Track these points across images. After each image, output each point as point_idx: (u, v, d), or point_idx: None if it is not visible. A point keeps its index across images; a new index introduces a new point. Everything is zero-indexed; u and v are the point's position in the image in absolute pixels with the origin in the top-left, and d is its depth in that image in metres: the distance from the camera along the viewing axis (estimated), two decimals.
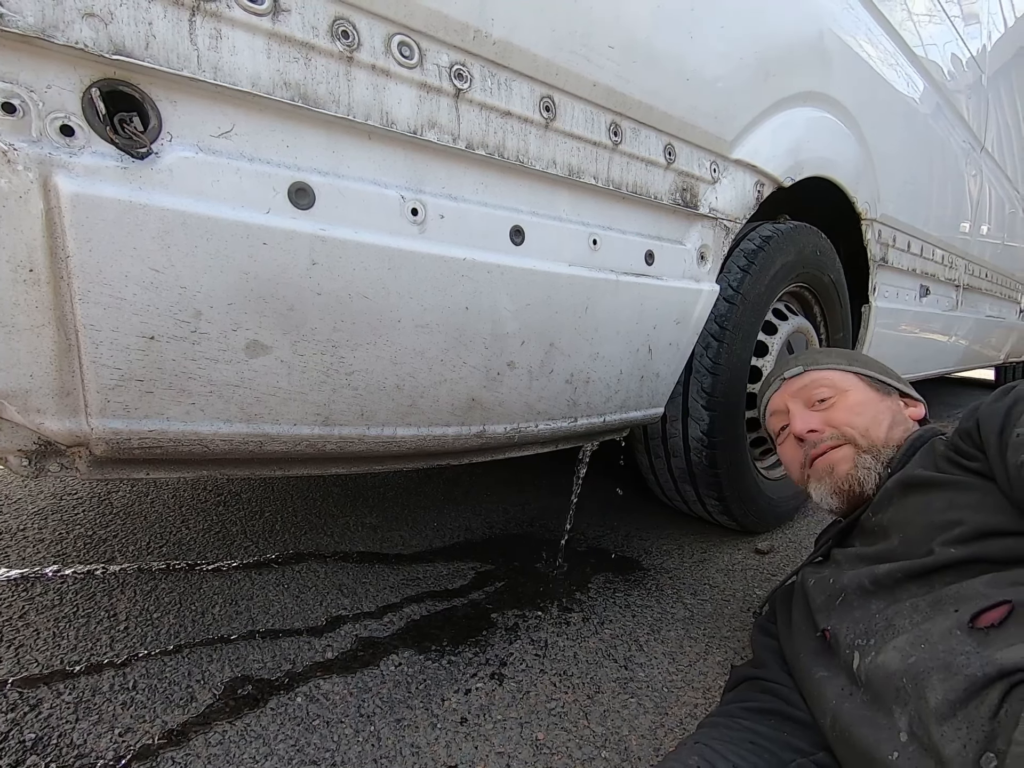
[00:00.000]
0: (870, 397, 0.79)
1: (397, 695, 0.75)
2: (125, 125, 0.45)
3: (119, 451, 0.51)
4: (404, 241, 0.60)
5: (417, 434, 0.70)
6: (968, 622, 0.49)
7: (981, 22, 2.08)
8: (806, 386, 0.82)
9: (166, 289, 0.48)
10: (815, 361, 0.85)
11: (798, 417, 0.80)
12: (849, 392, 0.79)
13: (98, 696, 0.72)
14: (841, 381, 0.81)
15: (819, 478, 0.77)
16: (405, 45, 0.57)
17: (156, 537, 1.15)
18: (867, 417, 0.75)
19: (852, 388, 0.79)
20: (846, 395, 0.79)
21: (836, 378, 0.81)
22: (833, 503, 0.76)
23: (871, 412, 0.76)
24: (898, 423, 0.76)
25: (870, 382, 0.81)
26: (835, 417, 0.77)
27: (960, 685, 0.44)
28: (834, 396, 0.79)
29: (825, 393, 0.80)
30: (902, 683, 0.49)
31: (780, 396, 0.86)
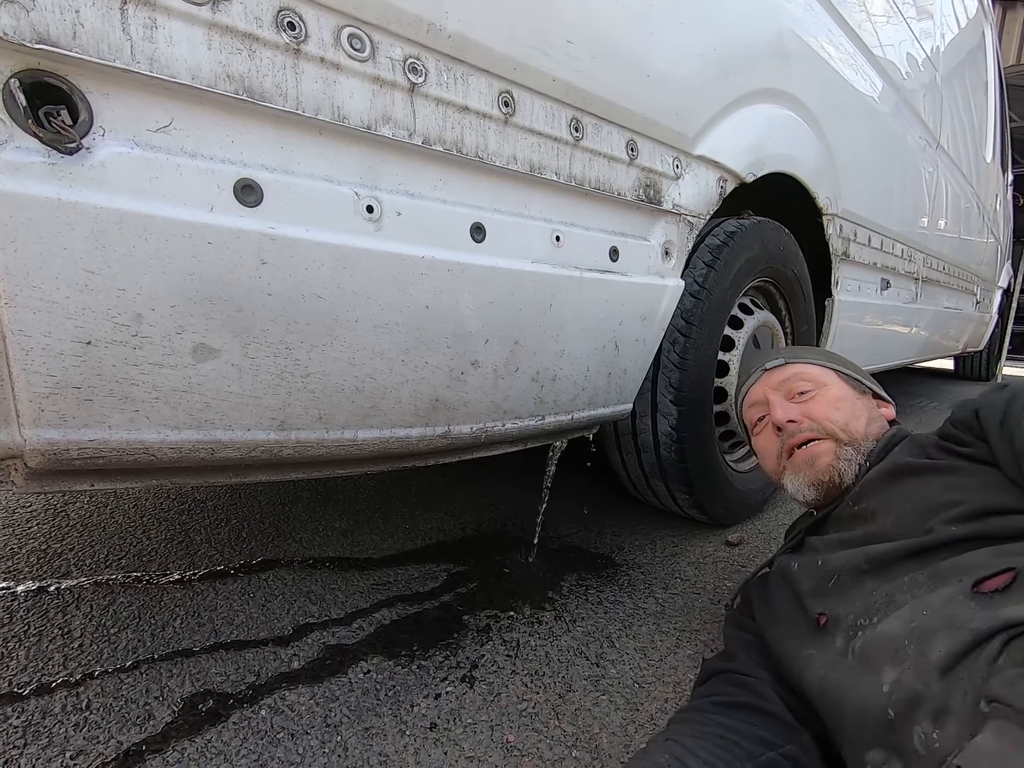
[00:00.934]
0: (848, 393, 0.80)
1: (365, 703, 0.74)
2: (52, 119, 0.42)
3: (57, 463, 0.49)
4: (359, 239, 0.58)
5: (380, 436, 0.69)
6: (972, 588, 0.50)
7: (935, 23, 2.14)
8: (787, 379, 0.83)
9: (102, 291, 0.46)
10: (795, 355, 0.86)
11: (778, 407, 0.80)
12: (829, 387, 0.80)
13: (48, 718, 0.69)
14: (821, 376, 0.82)
15: (797, 470, 0.77)
16: (356, 38, 0.56)
17: (115, 549, 1.11)
18: (846, 412, 0.77)
19: (831, 383, 0.81)
20: (826, 389, 0.80)
21: (816, 372, 0.82)
22: (809, 495, 0.76)
23: (849, 407, 0.78)
24: (874, 419, 0.78)
25: (847, 379, 0.83)
26: (815, 410, 0.78)
27: (965, 638, 0.45)
28: (814, 390, 0.80)
29: (805, 386, 0.81)
30: (903, 644, 0.50)
31: (760, 387, 0.86)
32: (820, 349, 0.90)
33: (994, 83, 3.27)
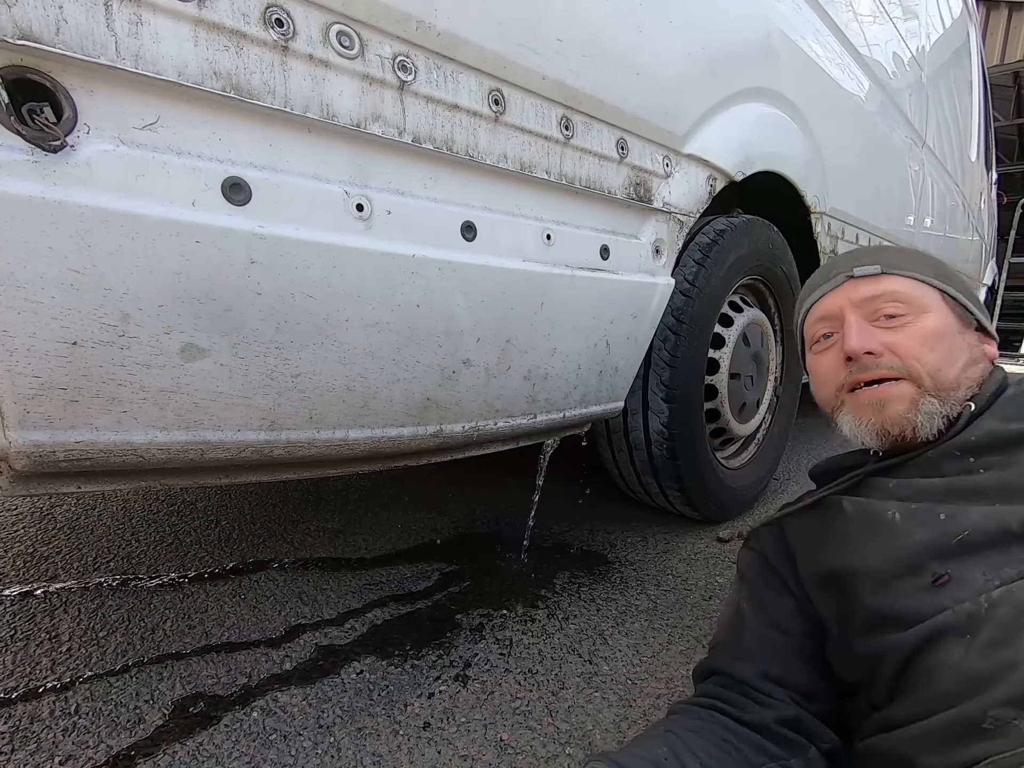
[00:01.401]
0: (950, 327, 0.62)
1: (358, 703, 0.74)
2: (35, 116, 0.41)
3: (43, 465, 0.48)
4: (349, 238, 0.58)
5: (371, 436, 0.69)
6: None
7: (920, 23, 2.17)
8: (877, 296, 0.64)
9: (89, 291, 0.45)
10: (895, 263, 0.66)
11: (856, 331, 0.63)
12: (928, 315, 0.62)
13: (37, 723, 0.68)
14: (921, 298, 0.63)
15: (860, 411, 0.63)
16: (345, 35, 0.55)
17: (103, 552, 1.10)
18: (941, 353, 0.61)
19: (933, 310, 0.63)
20: (923, 319, 0.62)
21: (917, 293, 0.64)
22: (870, 442, 0.63)
23: (947, 347, 0.61)
24: (974, 361, 0.62)
25: (954, 307, 0.64)
26: (903, 344, 0.61)
27: None
28: (908, 316, 0.62)
29: (898, 309, 0.63)
30: None
31: (838, 297, 0.67)
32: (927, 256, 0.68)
33: (978, 82, 3.31)
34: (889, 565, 0.56)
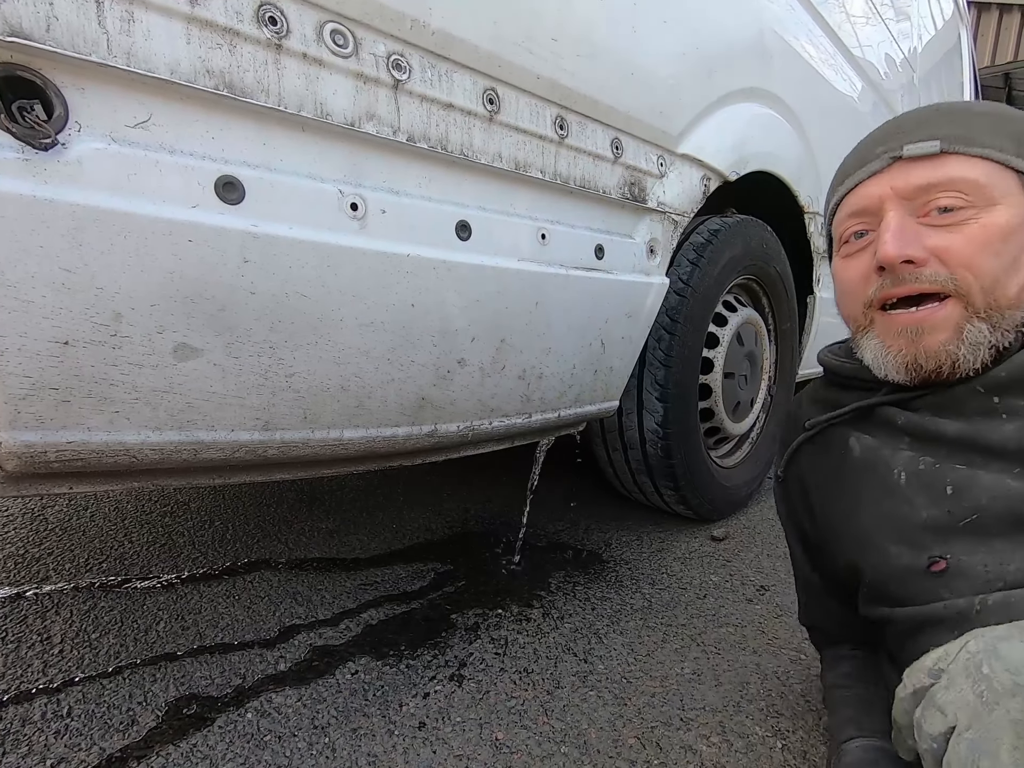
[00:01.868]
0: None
1: (353, 704, 0.74)
2: (25, 114, 0.41)
3: (34, 466, 0.48)
4: (344, 237, 0.58)
5: (366, 436, 0.68)
6: None
7: (912, 25, 2.18)
8: (933, 185, 0.49)
9: (80, 291, 0.45)
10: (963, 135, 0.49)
11: (893, 232, 0.49)
12: (996, 209, 0.48)
13: (28, 726, 0.67)
14: (992, 187, 0.48)
15: (890, 336, 0.52)
16: (338, 33, 0.55)
17: (95, 553, 1.09)
18: (1005, 260, 0.47)
19: (1004, 202, 0.48)
20: (990, 214, 0.48)
21: (986, 180, 0.48)
22: (896, 376, 0.52)
23: (1013, 252, 0.47)
24: None
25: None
26: (956, 251, 0.48)
27: None
28: (970, 210, 0.48)
29: (958, 201, 0.48)
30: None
31: (879, 185, 0.52)
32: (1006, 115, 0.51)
33: (969, 84, 3.33)
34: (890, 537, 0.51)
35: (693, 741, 0.69)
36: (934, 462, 0.50)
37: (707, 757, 0.67)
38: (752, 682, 0.81)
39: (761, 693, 0.78)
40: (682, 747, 0.69)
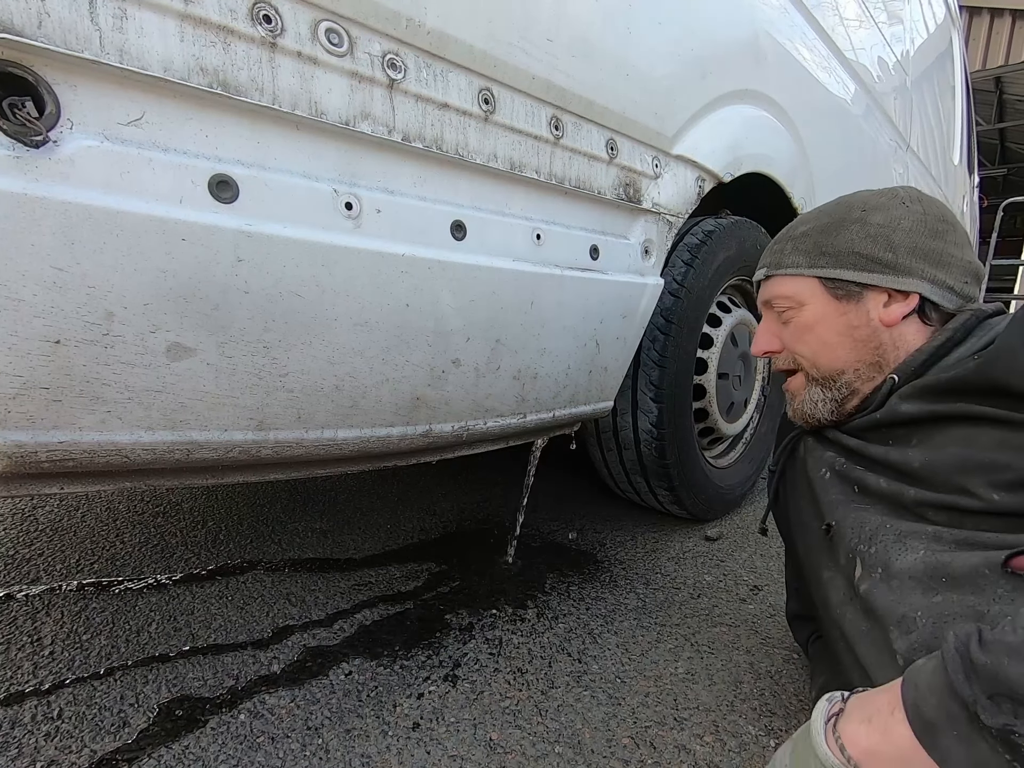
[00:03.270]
0: (828, 312, 0.64)
1: (347, 705, 0.73)
2: (16, 111, 0.41)
3: (25, 466, 0.47)
4: (338, 236, 0.58)
5: (360, 436, 0.68)
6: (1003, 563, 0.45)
7: (905, 28, 2.20)
8: (768, 300, 0.70)
9: (72, 289, 0.45)
10: (777, 260, 0.69)
11: (759, 334, 0.72)
12: (805, 308, 0.66)
13: (18, 728, 0.67)
14: (799, 292, 0.66)
15: (788, 400, 0.73)
16: (333, 32, 0.55)
17: (87, 553, 1.08)
18: (814, 345, 0.66)
19: (809, 301, 0.65)
20: (801, 312, 0.66)
21: (793, 290, 0.67)
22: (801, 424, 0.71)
23: (820, 337, 0.65)
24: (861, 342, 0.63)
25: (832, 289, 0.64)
26: (786, 339, 0.69)
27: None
28: (790, 311, 0.67)
29: (782, 307, 0.68)
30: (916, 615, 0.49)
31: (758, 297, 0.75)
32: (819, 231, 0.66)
33: (961, 87, 3.36)
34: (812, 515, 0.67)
35: (687, 740, 0.70)
36: (844, 462, 0.65)
37: (701, 756, 0.67)
38: (746, 681, 0.81)
39: (754, 692, 0.79)
40: (676, 746, 0.69)
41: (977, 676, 0.38)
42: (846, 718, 0.45)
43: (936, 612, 0.48)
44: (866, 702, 0.45)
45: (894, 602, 0.52)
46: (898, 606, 0.51)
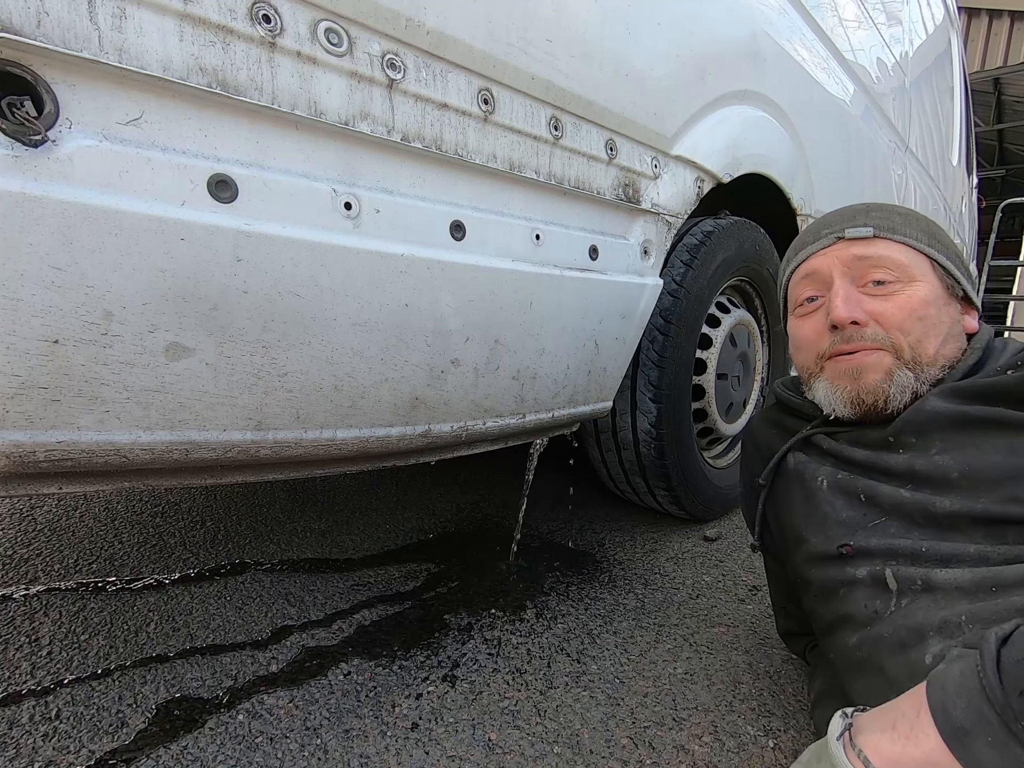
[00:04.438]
0: (937, 297, 0.61)
1: (345, 705, 0.73)
2: (15, 110, 0.41)
3: (23, 465, 0.47)
4: (337, 236, 0.58)
5: (359, 436, 0.68)
6: None
7: (904, 30, 2.20)
8: (867, 258, 0.62)
9: (70, 289, 0.44)
10: (890, 225, 0.63)
11: (843, 299, 0.61)
12: (917, 284, 0.60)
13: (16, 729, 0.67)
14: (912, 266, 0.61)
15: (837, 378, 0.63)
16: (333, 32, 0.55)
17: (85, 553, 1.08)
18: (926, 325, 0.59)
19: (922, 279, 0.61)
20: (912, 287, 0.60)
21: (908, 260, 0.61)
22: (844, 411, 0.63)
23: (932, 319, 0.60)
24: (952, 337, 0.61)
25: (943, 276, 0.62)
26: (889, 315, 0.60)
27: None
28: (897, 284, 0.61)
29: (888, 276, 0.61)
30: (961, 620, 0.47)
31: (826, 258, 0.65)
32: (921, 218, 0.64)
33: (960, 88, 3.37)
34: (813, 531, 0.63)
35: (685, 741, 0.70)
36: (848, 474, 0.62)
37: (699, 756, 0.67)
38: (744, 682, 0.81)
39: (753, 693, 0.79)
40: (675, 747, 0.69)
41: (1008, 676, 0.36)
42: (866, 728, 0.43)
43: (982, 616, 0.46)
44: (888, 710, 0.43)
45: (937, 609, 0.49)
46: (940, 611, 0.49)
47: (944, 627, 0.48)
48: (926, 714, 0.39)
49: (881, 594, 0.55)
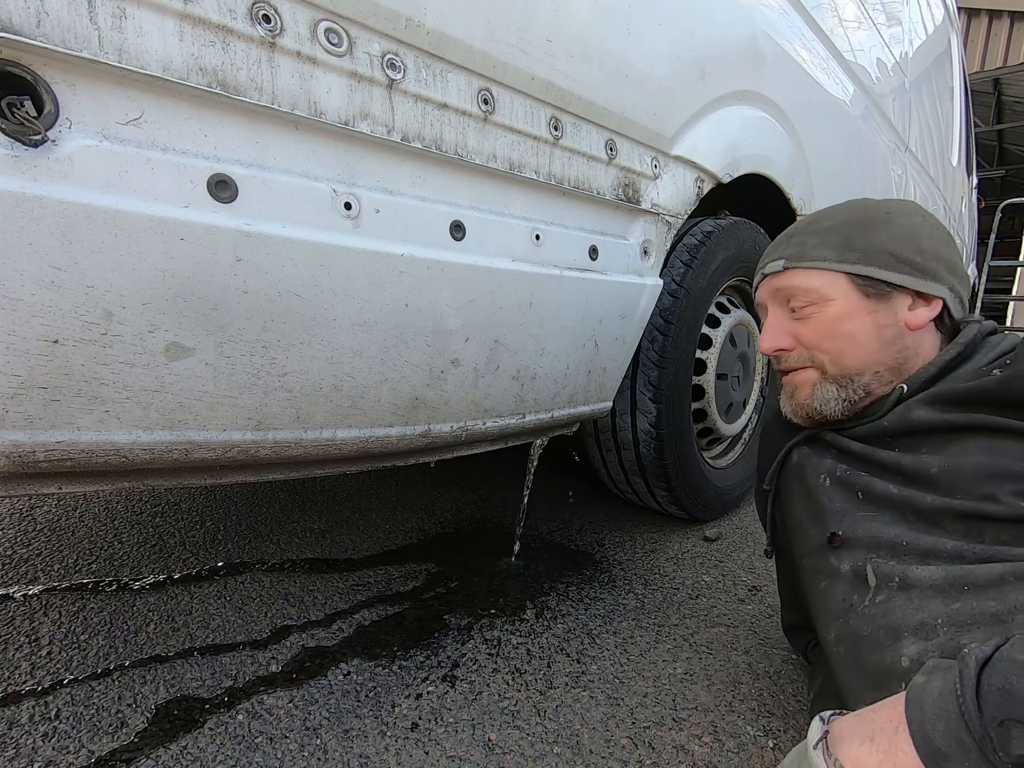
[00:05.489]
0: (856, 309, 0.63)
1: (345, 705, 0.73)
2: (15, 110, 0.41)
3: (23, 465, 0.47)
4: (337, 236, 0.58)
5: (359, 436, 0.68)
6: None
7: (904, 30, 2.20)
8: (782, 289, 0.67)
9: (70, 289, 0.44)
10: (799, 253, 0.66)
11: (767, 331, 0.69)
12: (832, 303, 0.63)
13: (15, 729, 0.67)
14: (825, 287, 0.64)
15: (786, 393, 0.71)
16: (333, 32, 0.55)
17: (84, 553, 1.08)
18: (841, 341, 0.63)
19: (837, 297, 0.63)
20: (826, 308, 0.64)
21: (818, 284, 0.64)
22: (798, 422, 0.70)
23: (848, 334, 0.63)
24: (888, 341, 0.62)
25: (862, 286, 0.63)
26: (806, 336, 0.65)
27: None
28: (811, 307, 0.65)
29: (800, 302, 0.65)
30: (937, 623, 0.48)
31: (762, 290, 0.72)
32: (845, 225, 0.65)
33: (959, 89, 3.37)
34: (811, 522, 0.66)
35: (685, 741, 0.70)
36: (847, 468, 0.64)
37: (699, 757, 0.67)
38: (744, 682, 0.81)
39: (753, 693, 0.79)
40: (674, 747, 0.69)
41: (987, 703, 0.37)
42: (845, 738, 0.44)
43: (956, 620, 0.47)
44: (865, 720, 0.44)
45: (914, 610, 0.51)
46: (917, 613, 0.50)
47: (920, 629, 0.49)
48: (904, 732, 0.40)
49: (859, 588, 0.57)
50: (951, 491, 0.54)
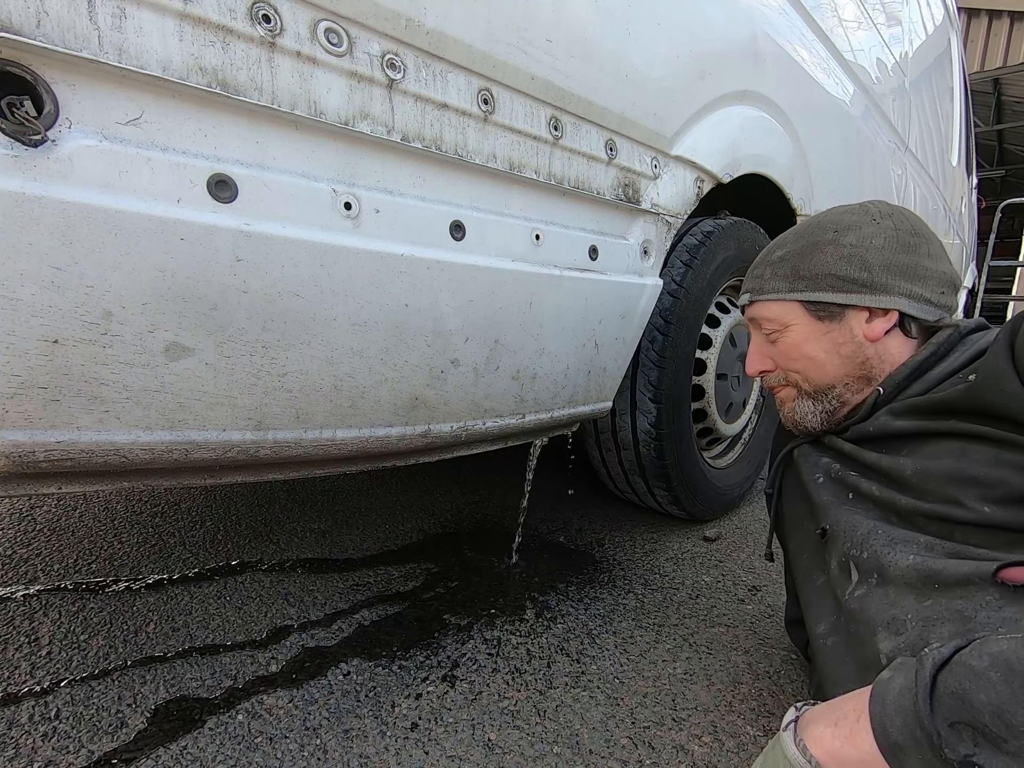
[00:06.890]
0: (812, 332, 0.67)
1: (345, 705, 0.73)
2: (15, 110, 0.41)
3: (23, 465, 0.47)
4: (337, 236, 0.58)
5: (359, 436, 0.68)
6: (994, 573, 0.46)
7: (904, 30, 2.20)
8: (753, 319, 0.74)
9: (70, 289, 0.44)
10: (760, 286, 0.71)
11: (750, 354, 0.75)
12: (790, 329, 0.68)
13: (15, 729, 0.67)
14: (783, 315, 0.69)
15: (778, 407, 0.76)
16: (332, 32, 0.55)
17: (84, 553, 1.08)
18: (805, 362, 0.68)
19: (793, 322, 0.68)
20: (787, 334, 0.69)
21: (777, 313, 0.69)
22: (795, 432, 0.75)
23: (808, 355, 0.68)
24: (848, 357, 0.66)
25: (814, 311, 0.66)
26: (779, 359, 0.72)
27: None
28: (776, 333, 0.70)
29: (767, 329, 0.71)
30: (905, 617, 0.51)
31: (745, 316, 0.78)
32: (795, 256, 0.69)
33: (959, 89, 3.37)
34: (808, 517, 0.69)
35: (685, 741, 0.70)
36: (840, 468, 0.68)
37: (699, 757, 0.67)
38: (744, 682, 0.81)
39: (753, 693, 0.79)
40: (674, 747, 0.69)
41: (940, 705, 0.39)
42: (812, 722, 0.47)
43: (925, 615, 0.50)
44: (833, 708, 0.47)
45: (888, 605, 0.53)
46: (890, 608, 0.53)
47: (892, 623, 0.52)
48: (866, 721, 0.43)
49: (842, 584, 0.60)
50: (922, 494, 0.56)
